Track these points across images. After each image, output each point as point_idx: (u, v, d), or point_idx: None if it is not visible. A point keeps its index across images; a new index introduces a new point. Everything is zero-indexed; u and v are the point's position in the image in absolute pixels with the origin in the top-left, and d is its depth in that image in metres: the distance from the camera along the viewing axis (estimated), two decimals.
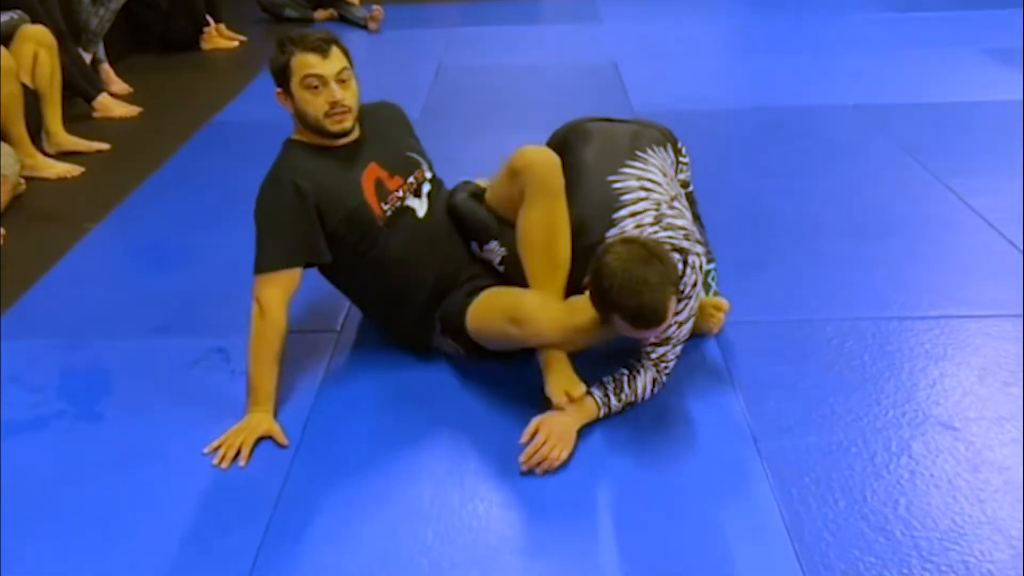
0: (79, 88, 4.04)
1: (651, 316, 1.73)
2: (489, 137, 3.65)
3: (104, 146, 3.74)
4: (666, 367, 1.96)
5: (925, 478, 1.75)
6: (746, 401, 2.00)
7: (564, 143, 2.12)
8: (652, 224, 1.90)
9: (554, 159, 1.96)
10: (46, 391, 2.12)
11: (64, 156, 3.62)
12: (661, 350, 1.93)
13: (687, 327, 1.94)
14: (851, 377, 2.07)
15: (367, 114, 2.12)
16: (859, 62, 4.60)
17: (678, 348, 1.95)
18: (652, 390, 1.95)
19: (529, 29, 5.60)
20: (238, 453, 1.83)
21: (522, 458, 1.78)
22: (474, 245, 2.15)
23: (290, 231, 1.98)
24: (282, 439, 1.88)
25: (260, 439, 1.87)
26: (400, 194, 2.09)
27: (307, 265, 2.02)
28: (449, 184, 2.28)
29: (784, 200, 3.03)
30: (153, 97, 4.42)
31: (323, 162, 2.04)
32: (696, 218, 2.26)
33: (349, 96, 2.01)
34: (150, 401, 2.07)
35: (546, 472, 1.78)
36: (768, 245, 2.71)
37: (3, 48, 3.33)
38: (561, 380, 1.88)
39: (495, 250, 2.09)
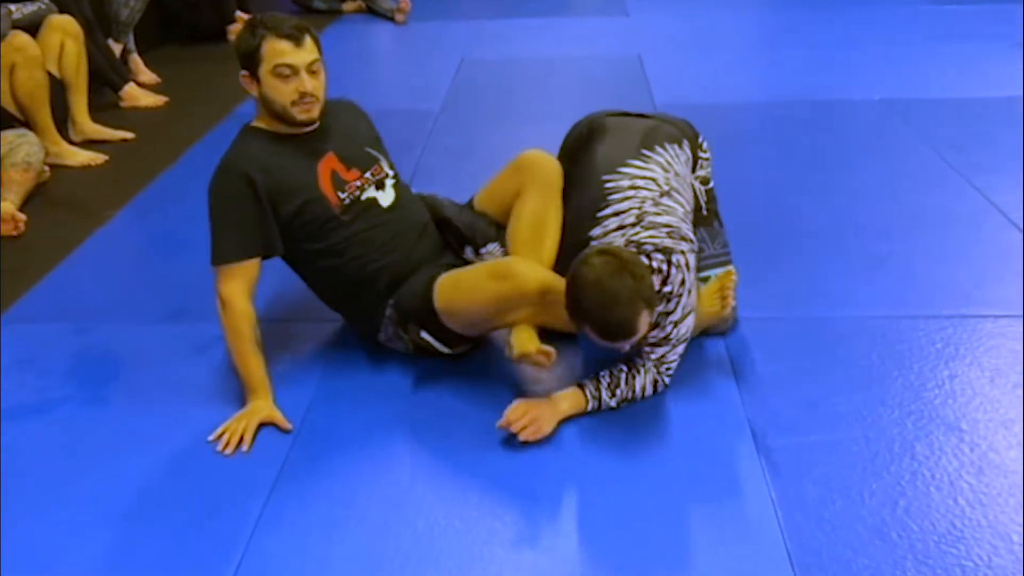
0: (106, 77, 4.10)
1: (619, 331, 1.74)
2: (507, 131, 3.64)
3: (129, 135, 3.80)
4: (668, 368, 1.94)
5: (926, 479, 1.72)
6: (748, 398, 1.98)
7: (580, 138, 2.12)
8: (634, 224, 1.89)
9: (557, 164, 2.08)
10: (54, 375, 2.15)
11: (90, 144, 3.67)
12: (661, 351, 1.91)
13: (685, 326, 1.92)
14: (858, 376, 2.04)
15: (329, 108, 2.07)
16: (887, 55, 4.52)
17: (680, 348, 1.93)
18: (654, 390, 1.93)
19: (556, 21, 5.57)
20: (241, 439, 1.84)
21: (497, 425, 1.80)
22: (468, 250, 2.14)
23: (242, 223, 1.97)
24: (284, 424, 1.89)
25: (262, 424, 1.89)
26: (359, 184, 2.07)
27: (264, 256, 2.01)
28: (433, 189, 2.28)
29: (803, 196, 2.98)
30: (180, 87, 4.48)
31: (280, 150, 2.00)
32: (713, 214, 2.23)
33: (318, 87, 1.98)
34: (155, 387, 2.09)
35: (524, 439, 1.79)
36: (783, 241, 2.68)
37: (29, 37, 3.38)
38: (526, 337, 1.88)
39: (494, 252, 2.09)
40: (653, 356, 1.91)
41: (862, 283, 2.43)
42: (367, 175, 2.09)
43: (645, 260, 1.82)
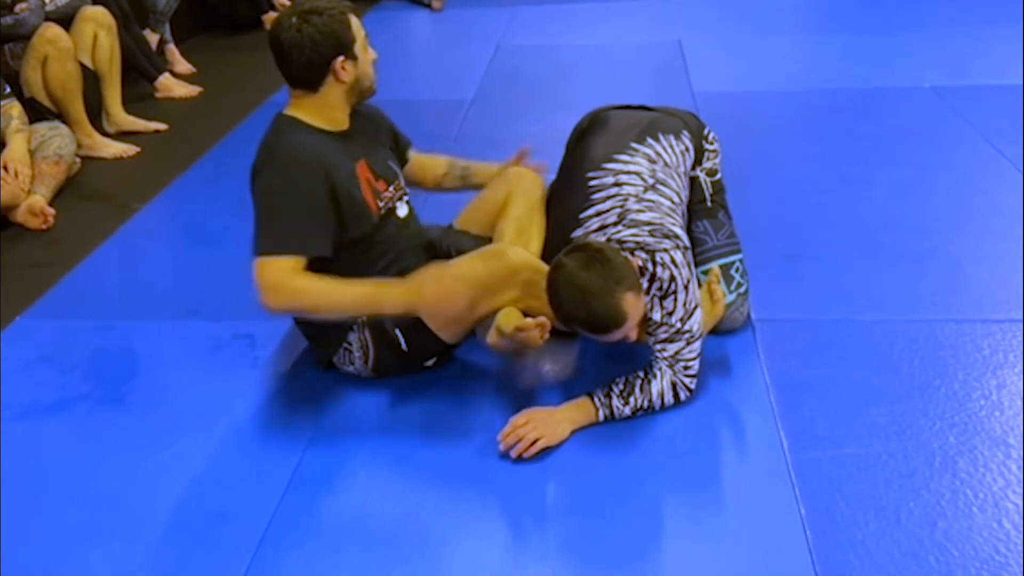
0: (141, 68, 4.10)
1: (605, 321, 1.69)
2: (538, 121, 3.55)
3: (162, 126, 3.79)
4: (687, 368, 1.85)
5: (968, 499, 1.61)
6: (780, 405, 1.88)
7: (580, 133, 2.11)
8: (616, 223, 1.86)
9: (541, 179, 2.13)
10: (74, 372, 2.14)
11: (123, 136, 3.68)
12: (673, 347, 1.83)
13: (695, 320, 1.83)
14: (897, 384, 1.93)
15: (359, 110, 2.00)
16: (940, 39, 4.33)
17: (696, 345, 1.84)
18: (674, 396, 1.85)
19: (594, 6, 5.45)
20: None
21: (499, 436, 1.75)
22: None
23: (315, 216, 1.82)
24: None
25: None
26: (389, 194, 2.01)
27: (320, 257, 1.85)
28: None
29: (842, 189, 2.86)
30: (214, 78, 4.47)
31: (326, 146, 1.89)
32: (719, 205, 2.15)
33: None
34: (173, 386, 2.07)
35: (521, 456, 1.73)
36: (819, 237, 2.56)
37: (61, 30, 3.38)
38: (505, 315, 1.81)
39: None
40: (666, 353, 1.84)
41: (905, 284, 2.31)
42: (391, 189, 2.02)
43: (629, 256, 1.77)
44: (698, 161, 2.12)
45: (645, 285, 1.79)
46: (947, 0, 5.09)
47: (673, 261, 1.81)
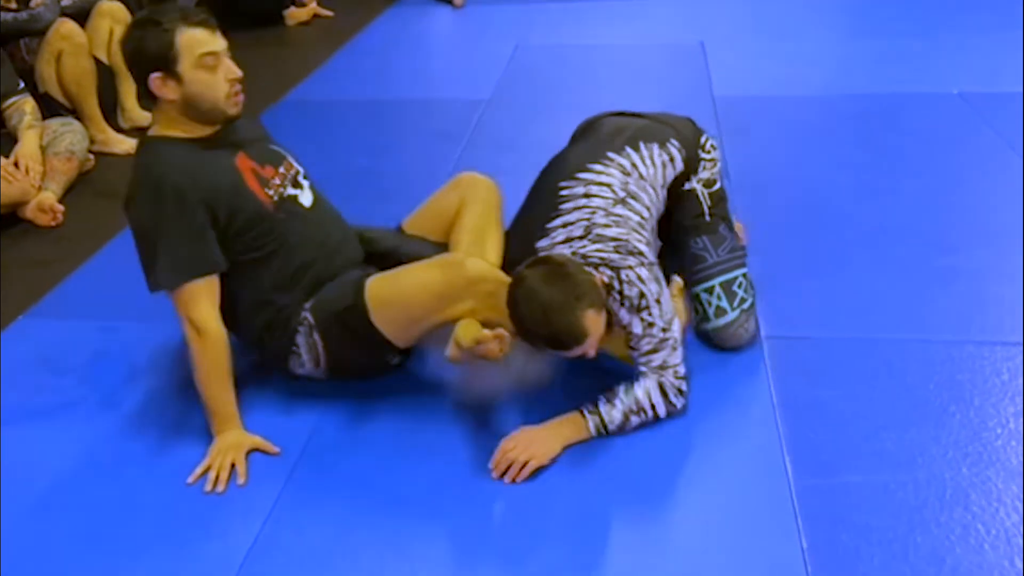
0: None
1: (567, 337, 1.65)
2: (553, 123, 3.45)
3: None
4: (674, 372, 1.80)
5: (979, 535, 1.54)
6: (786, 427, 1.82)
7: (571, 139, 2.09)
8: (581, 237, 1.82)
9: (493, 183, 2.07)
10: (72, 375, 2.12)
11: (138, 132, 3.66)
12: (658, 357, 1.79)
13: (672, 332, 1.79)
14: (910, 409, 1.86)
15: None
16: (970, 45, 4.19)
17: (680, 350, 1.81)
18: (663, 396, 1.79)
19: (617, 4, 5.37)
20: (231, 472, 1.75)
21: (491, 464, 1.72)
22: None
23: (192, 237, 1.78)
24: (271, 448, 1.81)
25: (250, 452, 1.80)
26: (278, 181, 1.92)
27: (219, 272, 1.83)
28: None
29: (863, 199, 2.77)
30: None
31: (194, 153, 1.81)
32: (720, 218, 2.07)
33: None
34: (171, 391, 2.04)
35: (515, 480, 1.69)
36: (833, 249, 2.48)
37: (76, 25, 3.38)
38: (464, 327, 1.76)
39: None
40: (653, 364, 1.80)
41: (923, 301, 2.23)
42: (280, 171, 1.94)
43: (593, 272, 1.73)
44: (692, 171, 2.06)
45: (615, 301, 1.75)
46: (978, 4, 4.95)
47: (640, 278, 1.76)
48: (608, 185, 1.89)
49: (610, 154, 1.95)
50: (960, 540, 1.53)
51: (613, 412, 1.77)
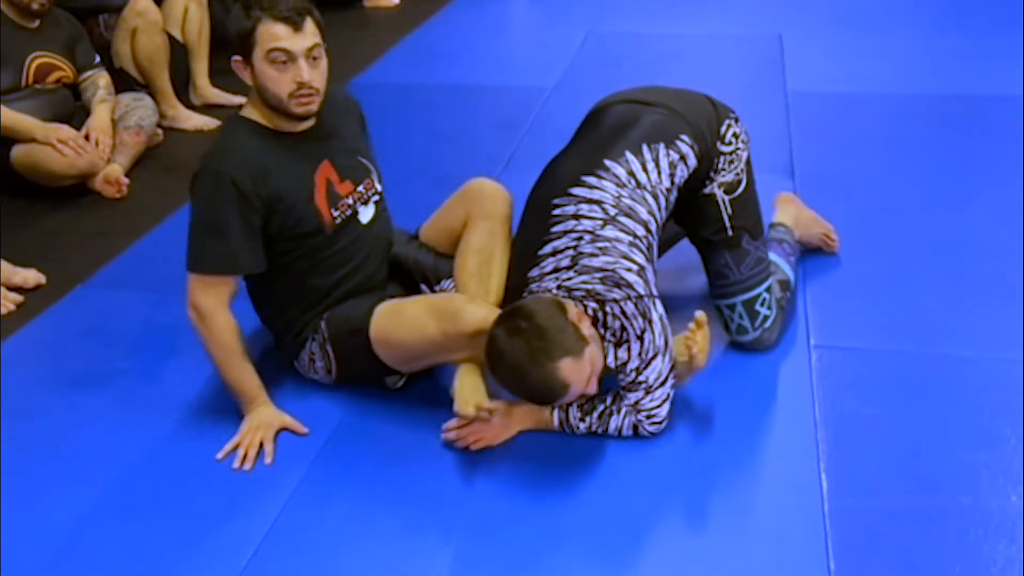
0: (231, 40, 4.15)
1: (547, 393, 1.61)
2: None
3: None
4: (649, 417, 1.74)
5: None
6: (826, 443, 1.75)
7: (578, 130, 1.98)
8: (568, 268, 1.73)
9: (503, 192, 1.95)
10: (119, 346, 2.18)
11: (209, 109, 3.75)
12: (633, 396, 1.73)
13: (653, 371, 1.71)
14: (961, 431, 1.76)
15: (327, 102, 1.85)
16: None
17: (657, 394, 1.73)
18: (634, 433, 1.76)
19: None
20: (259, 451, 1.77)
21: (444, 426, 1.77)
22: (424, 288, 2.00)
23: (230, 235, 1.77)
24: (300, 428, 1.83)
25: (279, 431, 1.82)
26: (350, 202, 1.91)
27: (247, 274, 1.85)
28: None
29: (930, 206, 2.64)
30: None
31: (274, 151, 1.81)
32: (743, 230, 1.95)
33: (318, 77, 1.77)
34: (211, 367, 2.07)
35: (466, 447, 1.75)
36: (896, 258, 2.37)
37: (151, 2, 3.46)
38: (470, 389, 1.73)
39: (447, 290, 1.95)
40: (627, 402, 1.74)
41: (986, 317, 2.11)
42: (359, 189, 1.93)
43: (578, 307, 1.67)
44: (711, 167, 1.92)
45: (601, 332, 1.69)
46: None
47: (623, 312, 1.68)
48: (599, 203, 1.77)
49: (607, 162, 1.82)
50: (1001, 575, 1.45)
51: (579, 424, 1.77)
